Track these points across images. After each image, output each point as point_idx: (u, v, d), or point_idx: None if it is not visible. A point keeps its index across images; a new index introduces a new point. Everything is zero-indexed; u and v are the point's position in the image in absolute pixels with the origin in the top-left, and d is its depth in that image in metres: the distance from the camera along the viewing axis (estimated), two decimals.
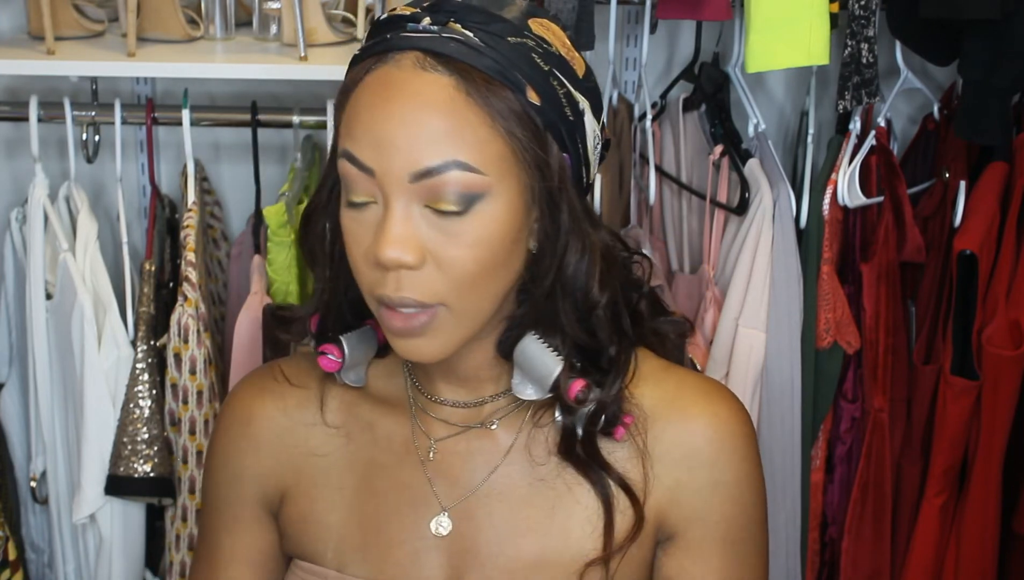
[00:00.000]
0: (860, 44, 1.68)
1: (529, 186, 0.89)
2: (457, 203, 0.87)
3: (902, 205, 1.78)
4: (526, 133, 0.88)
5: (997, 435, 1.73)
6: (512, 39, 0.88)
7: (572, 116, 0.90)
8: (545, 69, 0.89)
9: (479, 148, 0.86)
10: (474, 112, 0.86)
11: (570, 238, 0.91)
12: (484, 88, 0.86)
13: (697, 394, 0.99)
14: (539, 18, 0.91)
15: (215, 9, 1.76)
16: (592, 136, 0.93)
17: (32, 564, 1.97)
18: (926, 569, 1.81)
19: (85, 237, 1.72)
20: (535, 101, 0.88)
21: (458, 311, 0.90)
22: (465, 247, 0.88)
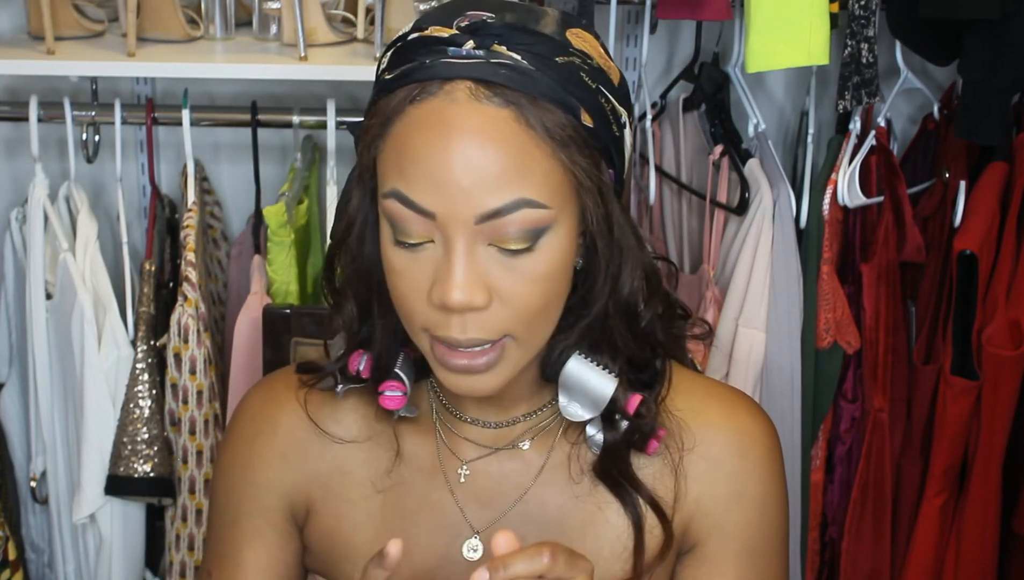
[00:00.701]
0: (860, 44, 1.68)
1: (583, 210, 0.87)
2: (524, 240, 0.83)
3: (902, 205, 1.78)
4: (586, 158, 0.84)
5: (997, 435, 1.73)
6: (560, 59, 0.84)
7: (617, 131, 0.88)
8: (593, 87, 0.85)
9: (544, 182, 0.83)
10: (536, 144, 0.82)
11: (624, 257, 0.89)
12: (542, 117, 0.82)
13: (724, 405, 0.98)
14: (574, 28, 0.87)
15: (215, 9, 1.76)
16: (629, 147, 0.91)
17: (32, 564, 1.97)
18: (926, 569, 1.81)
19: (85, 237, 1.72)
20: (588, 123, 0.85)
21: (524, 341, 0.88)
22: (531, 282, 0.85)
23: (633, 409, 0.93)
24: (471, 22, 0.85)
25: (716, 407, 0.98)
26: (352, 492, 1.01)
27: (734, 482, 0.96)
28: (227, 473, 1.05)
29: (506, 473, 0.98)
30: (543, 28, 0.85)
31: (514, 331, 0.87)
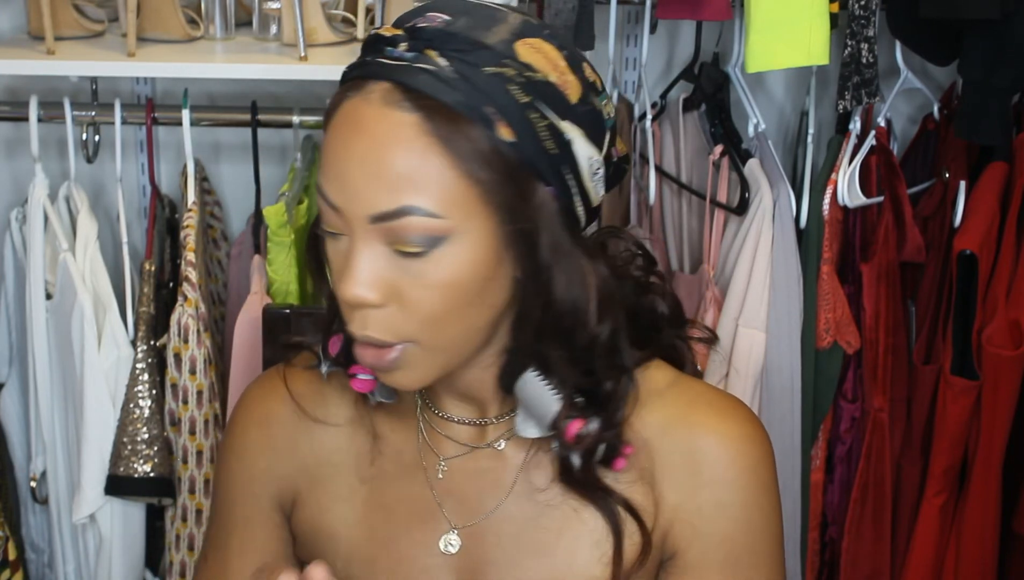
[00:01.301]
0: (860, 44, 1.68)
1: (501, 225, 0.85)
2: (418, 245, 0.84)
3: (902, 205, 1.78)
4: (493, 174, 0.83)
5: (997, 435, 1.73)
6: (489, 69, 0.82)
7: (556, 148, 0.85)
8: (523, 101, 0.83)
9: (439, 192, 0.82)
10: (436, 154, 0.82)
11: (553, 274, 0.87)
12: (449, 126, 0.82)
13: (709, 411, 0.96)
14: (532, 38, 0.85)
15: (215, 9, 1.76)
16: (588, 163, 0.87)
17: (32, 564, 1.97)
18: (926, 569, 1.81)
19: (85, 237, 1.72)
20: (508, 137, 0.83)
21: (429, 346, 0.88)
22: (431, 288, 0.85)
23: (571, 436, 0.92)
24: (419, 25, 0.85)
25: (701, 414, 0.96)
26: (337, 484, 1.03)
27: (716, 490, 0.94)
28: (224, 462, 1.08)
29: (483, 471, 0.99)
30: (487, 36, 0.84)
31: (417, 337, 0.87)
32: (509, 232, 0.85)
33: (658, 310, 0.99)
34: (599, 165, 0.88)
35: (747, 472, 0.95)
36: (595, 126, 0.87)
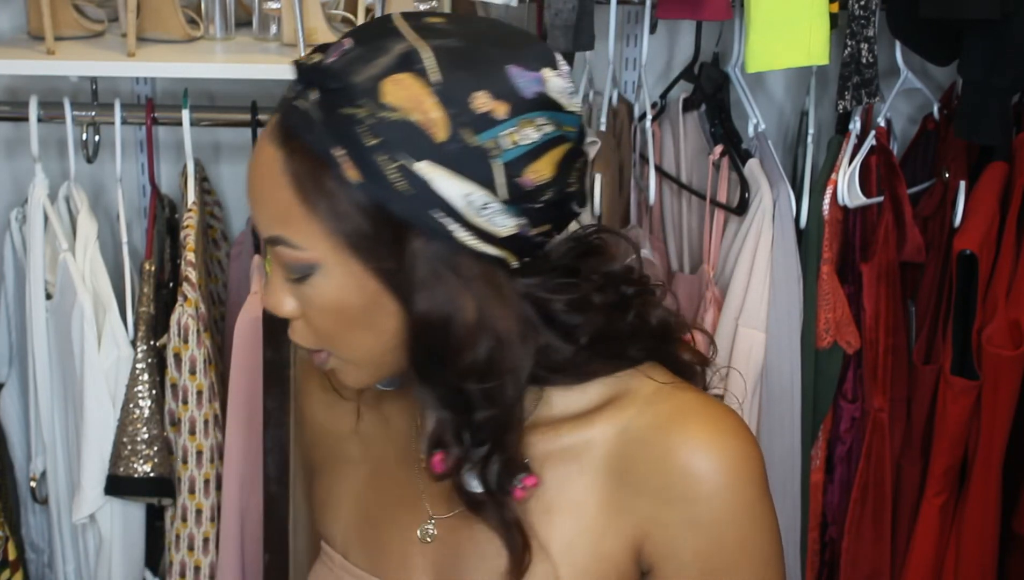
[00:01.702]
0: (860, 44, 1.68)
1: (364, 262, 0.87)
2: (295, 272, 0.89)
3: (902, 205, 1.78)
4: (344, 215, 0.85)
5: (997, 435, 1.73)
6: (344, 110, 0.84)
7: (411, 189, 0.84)
8: (370, 143, 0.83)
9: (298, 226, 0.86)
10: (293, 191, 0.86)
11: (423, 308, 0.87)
12: (304, 166, 0.85)
13: (688, 422, 0.93)
14: (403, 74, 0.84)
15: (215, 9, 1.77)
16: (465, 200, 0.85)
17: (32, 564, 1.97)
18: (926, 569, 1.82)
19: (85, 237, 1.72)
20: (354, 179, 0.84)
21: (345, 358, 0.93)
22: (316, 310, 0.90)
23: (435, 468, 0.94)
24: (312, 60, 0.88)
25: (679, 424, 0.93)
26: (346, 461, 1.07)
27: (687, 507, 0.92)
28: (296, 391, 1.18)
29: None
30: (358, 73, 0.84)
31: (327, 348, 0.93)
32: (373, 268, 0.87)
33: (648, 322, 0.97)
34: (486, 200, 0.86)
35: (723, 489, 0.92)
36: (469, 162, 0.85)
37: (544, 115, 0.86)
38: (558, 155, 0.88)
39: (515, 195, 0.86)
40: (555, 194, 0.89)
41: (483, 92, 0.84)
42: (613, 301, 0.95)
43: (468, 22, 0.91)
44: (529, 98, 0.86)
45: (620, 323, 0.95)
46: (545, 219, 0.89)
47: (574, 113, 0.90)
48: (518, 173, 0.86)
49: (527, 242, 0.89)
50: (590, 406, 0.96)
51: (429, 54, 0.84)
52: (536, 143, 0.86)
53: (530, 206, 0.88)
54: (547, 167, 0.87)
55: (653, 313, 0.97)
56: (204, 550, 1.74)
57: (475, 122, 0.84)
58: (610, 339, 0.94)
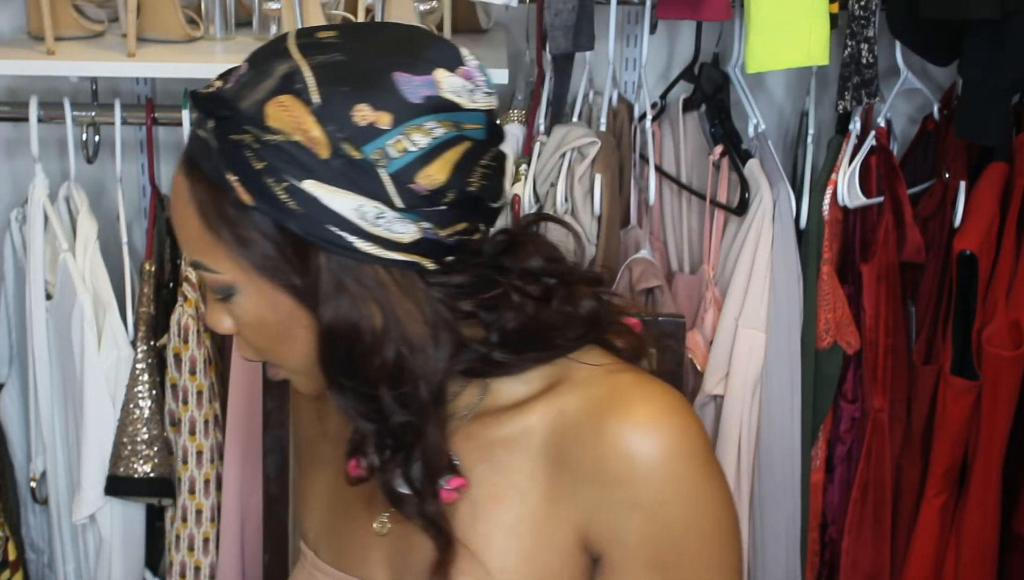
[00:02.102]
0: (860, 44, 1.68)
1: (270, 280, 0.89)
2: (217, 292, 0.93)
3: (902, 205, 1.78)
4: (243, 237, 0.88)
5: (997, 435, 1.73)
6: (233, 136, 0.86)
7: (301, 207, 0.86)
8: (258, 167, 0.86)
9: (209, 252, 0.90)
10: (198, 218, 0.89)
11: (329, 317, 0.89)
12: (204, 193, 0.88)
13: (622, 402, 0.93)
14: (285, 96, 0.86)
15: (215, 9, 1.77)
16: (358, 213, 0.86)
17: (32, 564, 1.98)
18: (926, 569, 1.81)
19: (85, 237, 1.72)
20: (248, 202, 0.86)
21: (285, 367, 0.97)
22: (245, 325, 0.94)
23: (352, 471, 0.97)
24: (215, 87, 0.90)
25: (614, 405, 0.93)
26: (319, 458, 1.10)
27: (625, 489, 0.91)
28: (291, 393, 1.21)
29: None
30: (245, 99, 0.87)
31: (268, 360, 0.97)
32: (282, 286, 0.89)
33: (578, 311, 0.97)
34: (379, 210, 0.87)
35: (661, 470, 0.91)
36: (355, 176, 0.86)
37: (435, 118, 0.87)
38: (455, 156, 0.88)
39: (410, 201, 0.87)
40: (457, 195, 0.89)
41: (364, 104, 0.86)
42: (538, 294, 0.96)
43: (361, 32, 0.92)
44: (416, 103, 0.86)
45: (547, 314, 0.96)
46: (455, 219, 0.90)
47: (477, 111, 0.90)
48: (409, 180, 0.87)
49: (436, 244, 0.90)
50: (531, 394, 0.97)
51: (309, 73, 0.86)
52: (425, 148, 0.87)
53: (430, 210, 0.88)
54: (441, 170, 0.88)
55: (582, 302, 0.98)
56: (204, 550, 1.74)
57: (358, 135, 0.86)
58: (539, 330, 0.95)
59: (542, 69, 1.82)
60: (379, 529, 1.02)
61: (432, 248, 0.90)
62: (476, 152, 0.90)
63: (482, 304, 0.93)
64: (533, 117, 1.80)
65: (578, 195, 1.73)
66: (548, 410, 0.95)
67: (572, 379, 0.96)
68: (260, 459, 1.60)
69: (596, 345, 0.99)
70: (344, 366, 0.91)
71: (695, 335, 1.76)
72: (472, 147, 0.89)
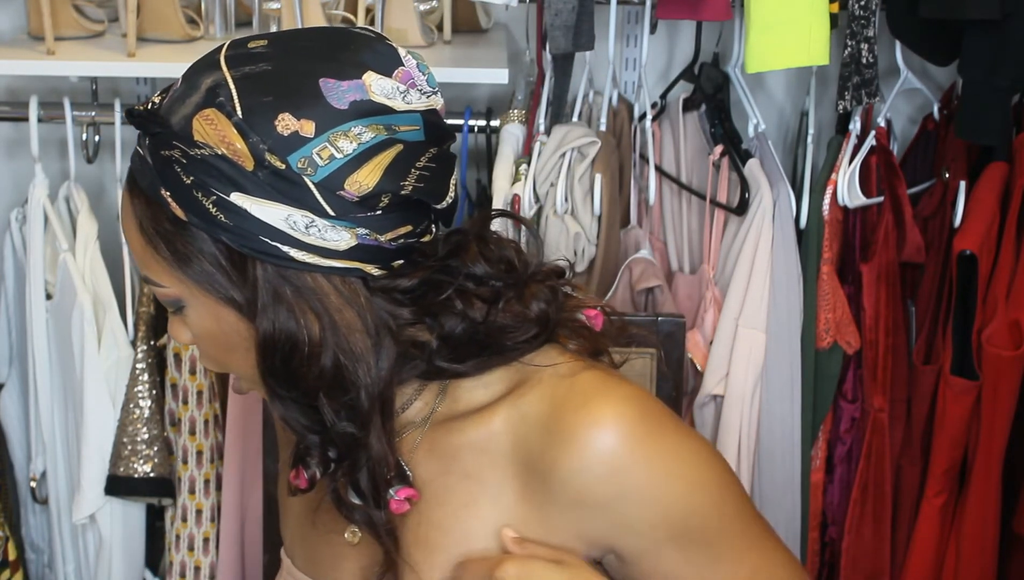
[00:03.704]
0: (860, 44, 1.68)
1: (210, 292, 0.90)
2: (168, 305, 0.94)
3: (902, 205, 1.78)
4: (180, 251, 0.89)
5: (997, 435, 1.73)
6: (164, 152, 0.87)
7: (231, 220, 0.86)
8: (187, 182, 0.86)
9: (152, 267, 0.91)
10: (139, 234, 0.90)
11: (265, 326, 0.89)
12: (144, 209, 0.89)
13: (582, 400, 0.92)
14: (209, 109, 0.86)
15: (215, 9, 1.77)
16: (287, 222, 0.86)
17: (32, 564, 1.98)
18: (926, 569, 1.81)
19: (85, 237, 1.72)
20: (182, 216, 0.87)
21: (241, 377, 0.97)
22: (197, 337, 0.95)
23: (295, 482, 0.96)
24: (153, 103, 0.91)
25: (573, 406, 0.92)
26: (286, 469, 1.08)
27: (607, 486, 0.91)
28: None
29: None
30: (174, 114, 0.87)
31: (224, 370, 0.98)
32: (222, 299, 0.90)
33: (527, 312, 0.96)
34: (309, 219, 0.86)
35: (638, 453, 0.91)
36: (282, 186, 0.86)
37: (362, 123, 0.86)
38: (386, 160, 0.87)
39: (341, 209, 0.87)
40: (392, 199, 0.88)
41: (287, 114, 0.85)
42: (486, 296, 0.94)
43: (291, 41, 0.90)
44: (341, 109, 0.85)
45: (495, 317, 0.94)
46: (394, 223, 0.89)
47: (412, 112, 0.88)
48: (338, 186, 0.86)
49: (380, 250, 0.89)
50: (493, 398, 0.96)
51: (232, 85, 0.86)
52: (351, 154, 0.86)
53: (364, 216, 0.88)
54: (370, 175, 0.87)
55: (533, 304, 0.96)
56: (204, 550, 1.74)
57: (281, 145, 0.85)
58: (488, 334, 0.94)
59: (542, 69, 1.82)
60: (350, 538, 1.01)
61: (372, 254, 0.89)
62: (410, 154, 0.89)
63: (425, 310, 0.92)
64: (533, 117, 1.80)
65: (578, 195, 1.73)
66: (511, 413, 0.94)
67: (531, 381, 0.95)
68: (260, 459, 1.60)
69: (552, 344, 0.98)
70: (283, 376, 0.91)
71: (695, 335, 1.76)
72: (405, 150, 0.88)
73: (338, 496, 0.95)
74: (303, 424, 0.93)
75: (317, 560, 1.05)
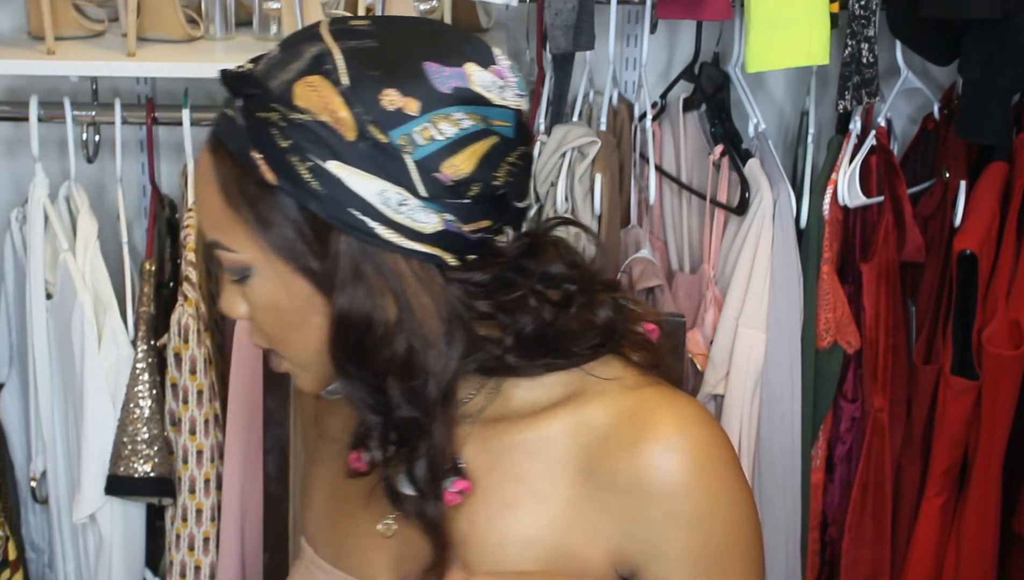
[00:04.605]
0: (860, 44, 1.68)
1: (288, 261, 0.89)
2: (234, 274, 0.92)
3: (902, 205, 1.78)
4: (263, 216, 0.88)
5: (997, 435, 1.73)
6: (260, 114, 0.87)
7: (324, 188, 0.86)
8: (283, 145, 0.86)
9: (228, 230, 0.90)
10: (220, 196, 0.89)
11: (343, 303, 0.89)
12: (227, 170, 0.89)
13: (652, 416, 0.92)
14: (313, 76, 0.86)
15: (215, 9, 1.77)
16: (380, 197, 0.86)
17: (32, 564, 1.98)
18: (926, 569, 1.81)
19: (85, 237, 1.72)
20: (271, 180, 0.86)
21: (289, 358, 0.96)
22: (258, 310, 0.93)
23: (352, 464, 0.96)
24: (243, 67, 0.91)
25: (645, 418, 0.92)
26: (322, 453, 1.09)
27: (663, 502, 0.91)
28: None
29: None
30: (274, 78, 0.87)
31: (276, 349, 0.96)
32: (299, 269, 0.89)
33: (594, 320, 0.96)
34: (402, 197, 0.87)
35: (697, 482, 0.92)
36: (381, 160, 0.86)
37: (463, 110, 0.87)
38: (481, 149, 0.88)
39: (434, 191, 0.87)
40: (482, 189, 0.89)
41: (393, 89, 0.86)
42: (557, 299, 0.95)
43: (393, 24, 0.92)
44: (445, 93, 0.86)
45: (565, 320, 0.95)
46: (480, 215, 0.89)
47: (506, 108, 0.89)
48: (434, 168, 0.87)
49: (459, 239, 0.89)
50: (549, 402, 0.96)
51: (339, 56, 0.86)
52: (452, 138, 0.87)
53: (454, 202, 0.88)
54: (466, 162, 0.87)
55: (599, 311, 0.97)
56: (204, 550, 1.74)
57: (385, 119, 0.85)
58: (556, 336, 0.94)
59: (542, 69, 1.82)
60: (384, 531, 1.01)
61: (454, 242, 0.89)
62: (503, 148, 0.90)
63: (500, 306, 0.92)
64: (533, 117, 1.80)
65: (578, 195, 1.73)
66: (571, 420, 0.94)
67: (594, 390, 0.95)
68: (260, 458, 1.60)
69: (613, 354, 0.98)
70: (354, 355, 0.90)
71: (695, 335, 1.76)
72: (499, 143, 0.89)
73: (390, 485, 0.95)
74: (368, 403, 0.92)
75: (345, 551, 1.04)
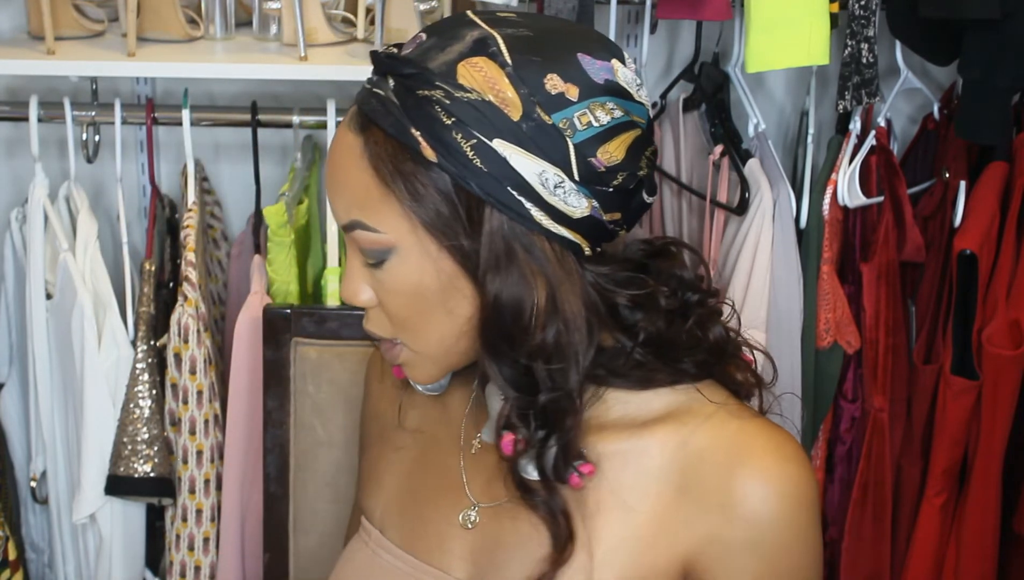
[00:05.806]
0: (860, 44, 1.68)
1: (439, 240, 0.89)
2: (372, 257, 0.92)
3: (902, 205, 1.78)
4: (420, 194, 0.88)
5: (997, 435, 1.73)
6: (421, 92, 0.87)
7: (486, 166, 0.87)
8: (447, 122, 0.87)
9: (379, 208, 0.90)
10: (369, 174, 0.89)
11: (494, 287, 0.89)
12: (380, 149, 0.89)
13: (751, 447, 0.94)
14: (477, 57, 0.88)
15: (215, 9, 1.77)
16: (539, 178, 0.88)
17: (32, 564, 1.98)
18: (926, 569, 1.81)
19: (85, 237, 1.72)
20: (431, 157, 0.87)
21: (413, 347, 0.96)
22: (391, 294, 0.93)
23: (505, 450, 0.95)
24: (391, 49, 0.92)
25: (746, 446, 0.94)
26: (394, 435, 1.10)
27: (749, 528, 0.92)
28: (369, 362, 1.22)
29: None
30: (434, 59, 0.88)
31: (400, 337, 0.96)
32: (449, 247, 0.89)
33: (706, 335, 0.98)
34: (560, 179, 0.88)
35: (784, 516, 0.93)
36: (543, 141, 0.88)
37: (613, 100, 0.90)
38: (629, 139, 0.91)
39: (587, 176, 0.89)
40: (626, 178, 0.91)
41: (554, 75, 0.88)
42: (675, 307, 0.96)
43: (538, 18, 0.95)
44: (599, 83, 0.89)
45: (679, 330, 0.96)
46: (616, 205, 0.92)
47: (643, 104, 0.93)
48: (591, 153, 0.89)
49: (599, 227, 0.92)
50: (649, 416, 0.96)
51: (502, 40, 0.88)
52: (606, 125, 0.90)
53: (601, 189, 0.90)
54: (618, 149, 0.90)
55: (712, 328, 0.99)
56: (204, 550, 1.74)
57: (549, 102, 0.88)
58: (667, 345, 0.96)
59: None
60: (464, 522, 1.01)
61: (593, 230, 0.91)
62: (643, 141, 0.93)
63: (632, 299, 0.94)
64: None
65: None
66: (671, 438, 0.95)
67: (695, 412, 0.96)
68: (260, 458, 1.61)
69: (713, 377, 0.99)
70: (506, 338, 0.91)
71: None
72: (641, 136, 0.93)
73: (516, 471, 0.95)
74: (512, 381, 0.93)
75: (421, 539, 1.03)
